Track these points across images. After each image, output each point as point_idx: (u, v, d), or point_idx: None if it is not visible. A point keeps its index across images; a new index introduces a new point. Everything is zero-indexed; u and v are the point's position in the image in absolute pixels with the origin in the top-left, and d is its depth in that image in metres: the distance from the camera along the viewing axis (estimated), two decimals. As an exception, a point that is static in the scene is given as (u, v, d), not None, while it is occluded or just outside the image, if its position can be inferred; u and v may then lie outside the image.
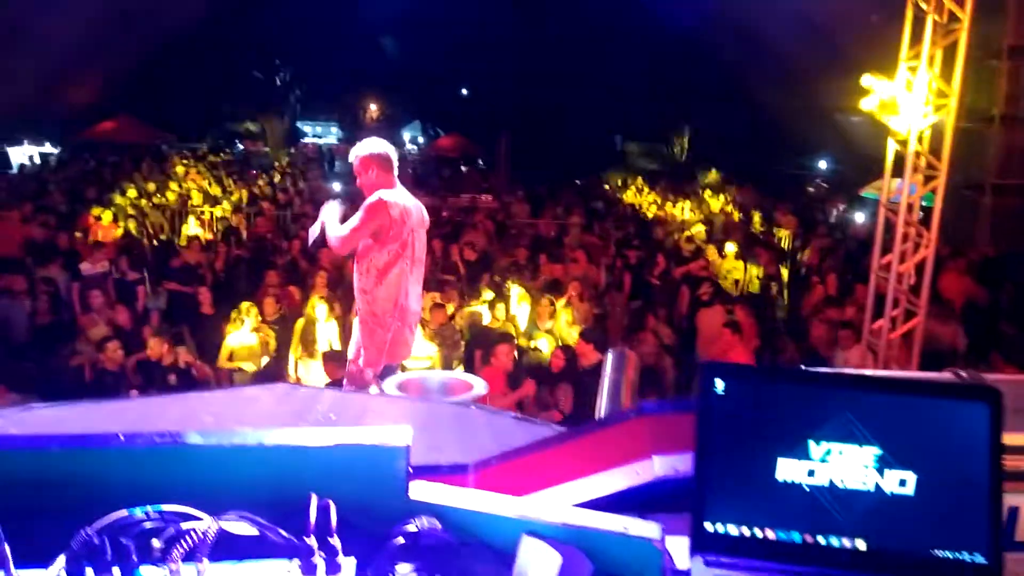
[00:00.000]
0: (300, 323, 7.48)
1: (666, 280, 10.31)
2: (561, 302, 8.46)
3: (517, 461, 1.60)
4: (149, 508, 1.07)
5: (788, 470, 1.21)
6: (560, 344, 7.86)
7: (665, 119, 27.30)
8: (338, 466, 1.18)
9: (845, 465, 1.20)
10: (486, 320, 8.55)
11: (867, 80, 6.61)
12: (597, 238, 12.84)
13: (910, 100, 6.51)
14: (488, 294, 9.38)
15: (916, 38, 6.53)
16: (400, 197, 4.05)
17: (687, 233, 13.03)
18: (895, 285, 6.91)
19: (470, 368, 7.93)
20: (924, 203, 7.25)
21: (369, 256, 3.92)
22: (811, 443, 1.20)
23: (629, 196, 19.55)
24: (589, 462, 1.53)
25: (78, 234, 10.48)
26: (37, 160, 18.89)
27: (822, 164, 22.72)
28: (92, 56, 19.67)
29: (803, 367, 3.52)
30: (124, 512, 1.05)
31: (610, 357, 2.70)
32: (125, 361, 6.64)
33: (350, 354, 4.12)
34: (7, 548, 1.03)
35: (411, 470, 1.22)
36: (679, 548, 1.27)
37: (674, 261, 10.85)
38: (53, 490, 1.10)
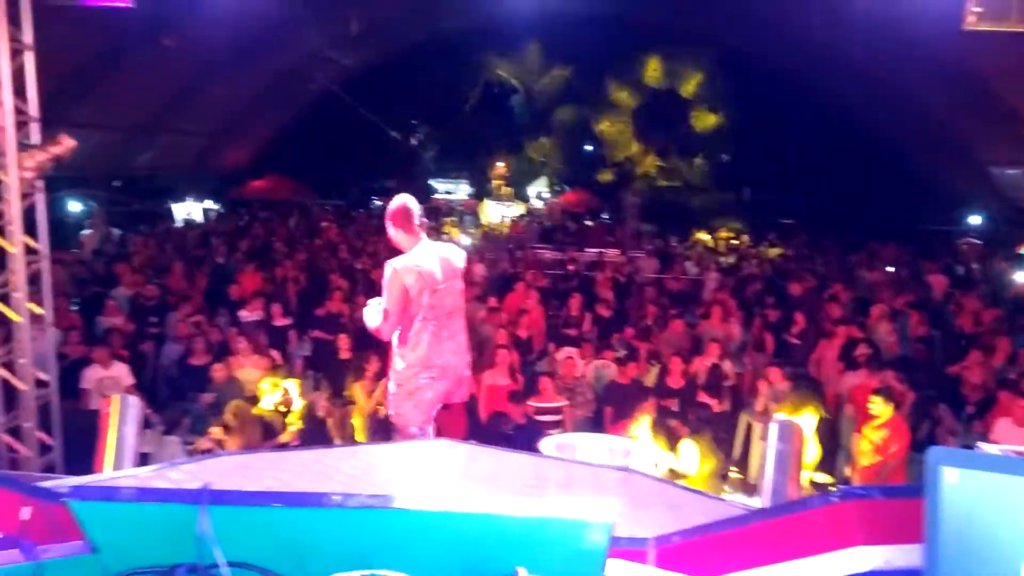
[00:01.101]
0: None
1: (805, 339, 9.84)
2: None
3: (703, 539, 1.53)
4: (365, 573, 1.09)
5: (1036, 574, 1.09)
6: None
7: (798, 173, 26.43)
8: (541, 537, 1.16)
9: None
10: (615, 376, 8.44)
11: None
12: (730, 294, 12.47)
13: None
14: (620, 351, 9.27)
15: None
16: (417, 257, 4.00)
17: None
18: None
19: (599, 425, 7.82)
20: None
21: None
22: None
23: (763, 251, 18.95)
24: (784, 547, 1.43)
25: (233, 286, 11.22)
26: (198, 216, 20.61)
27: (974, 220, 21.21)
28: (247, 121, 21.47)
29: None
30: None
31: (775, 428, 2.58)
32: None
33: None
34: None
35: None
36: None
37: (813, 320, 10.34)
38: (277, 545, 1.15)
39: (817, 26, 16.83)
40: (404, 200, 4.18)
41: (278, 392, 7.19)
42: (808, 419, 6.32)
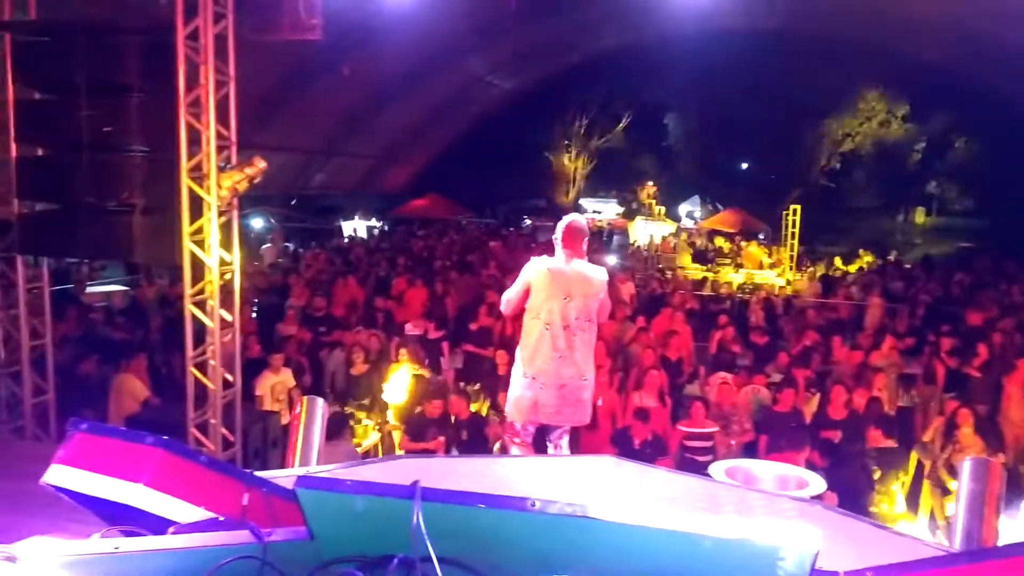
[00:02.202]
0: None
1: (988, 372, 8.98)
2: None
3: (900, 577, 1.45)
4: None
5: None
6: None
7: (979, 192, 24.35)
8: (737, 560, 1.15)
9: None
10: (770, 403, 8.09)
11: None
12: (896, 322, 11.64)
13: None
14: (776, 376, 8.90)
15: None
16: (552, 262, 4.32)
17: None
18: None
19: (752, 455, 7.51)
20: None
21: (522, 315, 4.34)
22: None
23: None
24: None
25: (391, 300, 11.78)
26: (363, 233, 21.93)
27: None
28: (410, 143, 22.63)
29: None
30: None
31: (969, 465, 2.39)
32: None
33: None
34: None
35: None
36: None
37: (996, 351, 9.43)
38: (481, 544, 1.21)
39: (1003, 29, 15.45)
40: (562, 221, 4.53)
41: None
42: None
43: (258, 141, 13.95)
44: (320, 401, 3.00)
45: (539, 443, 4.41)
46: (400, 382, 8.21)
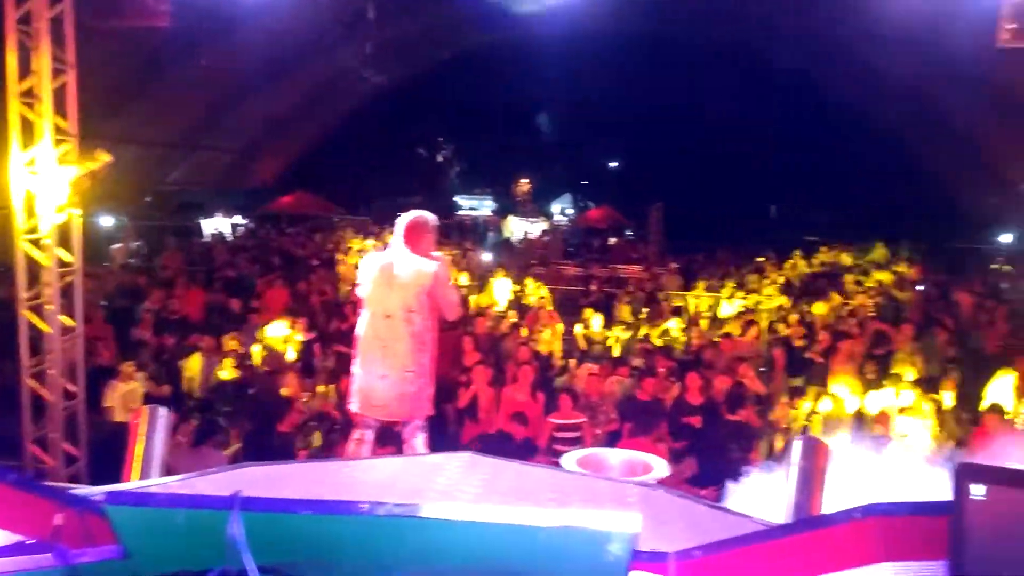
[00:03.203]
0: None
1: (828, 357, 9.74)
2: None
3: (724, 555, 1.53)
4: (390, 579, 1.10)
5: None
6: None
7: (827, 189, 26.30)
8: (564, 547, 1.17)
9: None
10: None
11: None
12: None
13: None
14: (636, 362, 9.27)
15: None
16: (381, 255, 4.61)
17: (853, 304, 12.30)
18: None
19: (616, 439, 7.78)
20: None
21: None
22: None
23: (787, 268, 18.77)
24: (808, 563, 1.43)
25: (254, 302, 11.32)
26: (226, 230, 20.94)
27: (1004, 238, 20.90)
28: (276, 137, 21.83)
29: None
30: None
31: (799, 444, 2.56)
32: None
33: None
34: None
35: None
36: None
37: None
38: (306, 552, 1.17)
39: (855, 43, 16.75)
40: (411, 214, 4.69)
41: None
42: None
43: (107, 134, 13.04)
44: (162, 410, 2.83)
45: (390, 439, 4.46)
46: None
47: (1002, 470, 1.11)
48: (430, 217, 4.67)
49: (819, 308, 12.41)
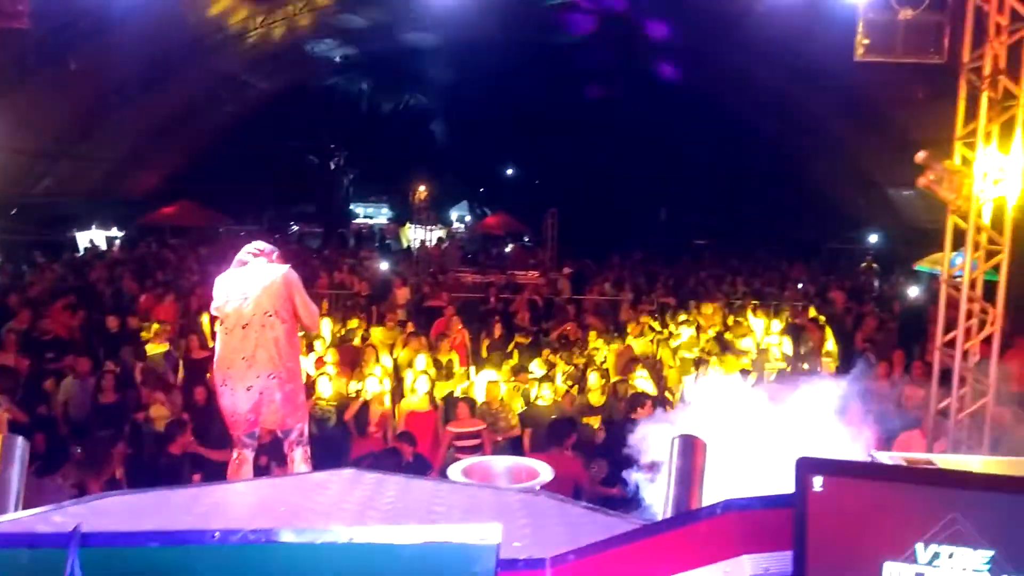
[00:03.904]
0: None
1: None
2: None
3: (596, 557, 1.56)
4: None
5: (895, 575, 1.16)
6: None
7: (711, 193, 27.46)
8: (427, 564, 1.16)
9: (956, 569, 1.14)
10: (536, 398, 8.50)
11: (920, 157, 6.57)
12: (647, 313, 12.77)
13: (967, 177, 6.44)
14: (538, 371, 9.35)
15: (970, 115, 6.50)
16: (231, 271, 4.58)
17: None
18: (960, 363, 6.68)
19: (521, 447, 7.84)
20: (987, 278, 7.06)
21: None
22: (919, 546, 1.15)
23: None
24: (674, 560, 1.48)
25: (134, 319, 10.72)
26: (102, 244, 19.73)
27: (872, 238, 22.44)
28: (157, 145, 20.76)
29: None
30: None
31: (677, 443, 2.64)
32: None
33: None
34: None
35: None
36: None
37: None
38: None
39: (728, 53, 17.54)
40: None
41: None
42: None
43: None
44: (19, 439, 2.65)
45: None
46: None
47: (839, 462, 1.18)
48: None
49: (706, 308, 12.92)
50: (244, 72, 20.44)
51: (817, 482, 1.19)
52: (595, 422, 8.17)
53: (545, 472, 2.61)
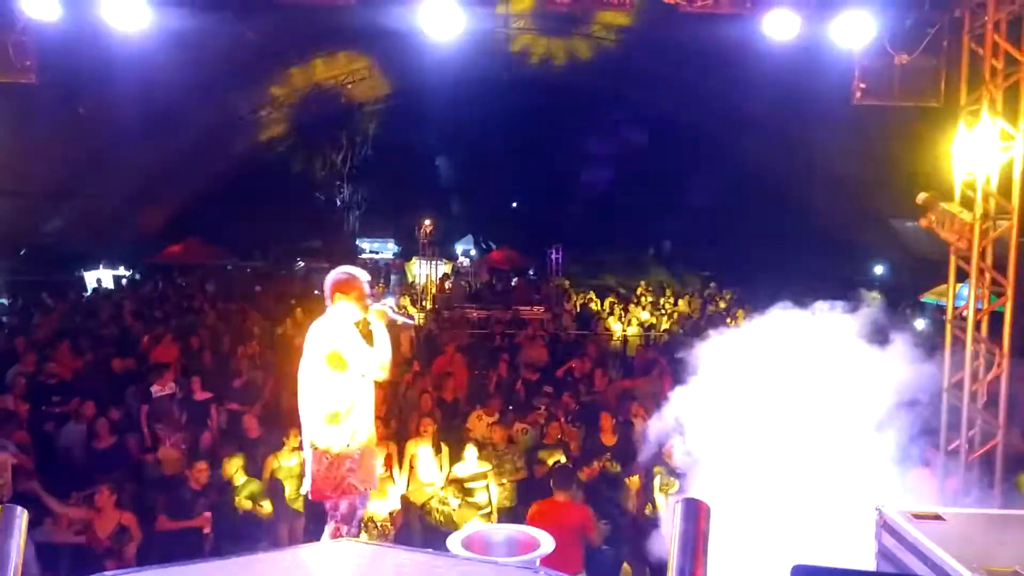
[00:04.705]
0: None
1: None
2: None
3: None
4: None
5: None
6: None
7: (715, 228, 27.56)
8: None
9: None
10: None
11: (921, 198, 6.59)
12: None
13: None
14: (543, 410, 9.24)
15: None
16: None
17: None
18: (969, 404, 6.63)
19: (525, 486, 7.72)
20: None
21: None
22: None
23: (682, 305, 19.43)
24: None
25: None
26: (109, 283, 19.84)
27: (878, 270, 22.42)
28: (163, 185, 20.99)
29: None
30: None
31: (680, 506, 2.60)
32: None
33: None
34: None
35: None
36: None
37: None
38: None
39: (728, 91, 17.70)
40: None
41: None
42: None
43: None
44: (18, 510, 2.63)
45: None
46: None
47: (830, 570, 1.17)
48: (338, 272, 4.50)
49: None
50: (251, 112, 20.72)
51: (811, 589, 1.18)
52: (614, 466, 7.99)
53: (546, 543, 2.57)
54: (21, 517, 2.55)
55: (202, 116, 18.61)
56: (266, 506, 7.08)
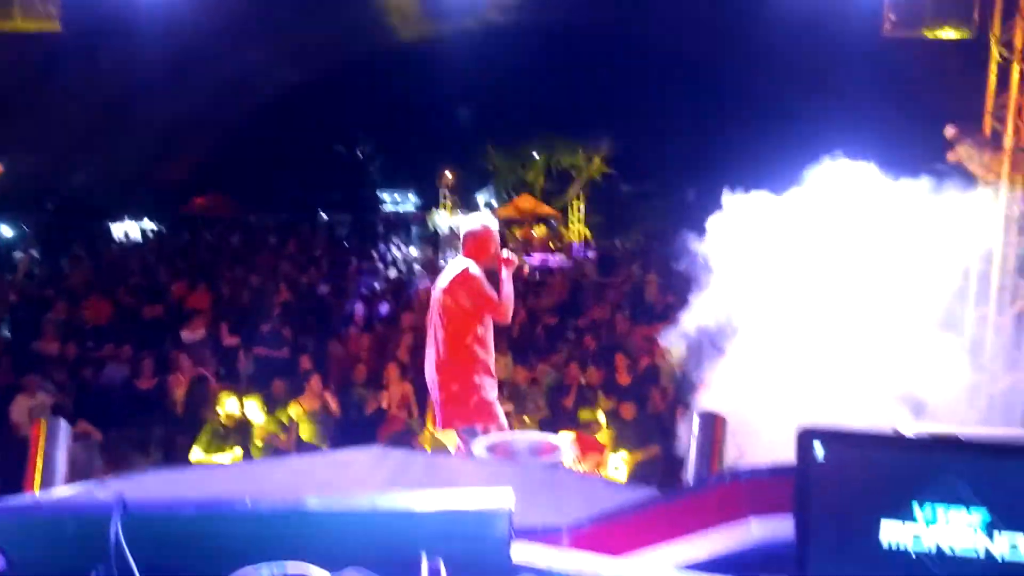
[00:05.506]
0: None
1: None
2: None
3: (611, 523, 1.62)
4: (273, 565, 1.14)
5: (892, 534, 1.20)
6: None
7: (738, 175, 27.14)
8: (445, 528, 1.23)
9: (952, 529, 1.19)
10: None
11: (949, 132, 6.48)
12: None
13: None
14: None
15: (1001, 87, 6.40)
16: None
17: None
18: (993, 338, 6.62)
19: (546, 426, 7.89)
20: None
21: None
22: (915, 506, 1.19)
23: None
24: (685, 525, 1.53)
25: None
26: (136, 235, 20.16)
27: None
28: (186, 135, 21.11)
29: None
30: (251, 569, 1.13)
31: (697, 419, 2.69)
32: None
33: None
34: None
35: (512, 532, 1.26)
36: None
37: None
38: (189, 550, 1.20)
39: (750, 26, 17.30)
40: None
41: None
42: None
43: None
44: (61, 421, 2.78)
45: None
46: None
47: (838, 432, 1.23)
48: (475, 223, 4.78)
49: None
50: (272, 65, 20.63)
51: (818, 449, 1.24)
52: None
53: (566, 446, 2.68)
54: (65, 429, 2.69)
55: (223, 67, 18.59)
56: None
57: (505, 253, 4.70)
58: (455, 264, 4.64)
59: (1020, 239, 6.64)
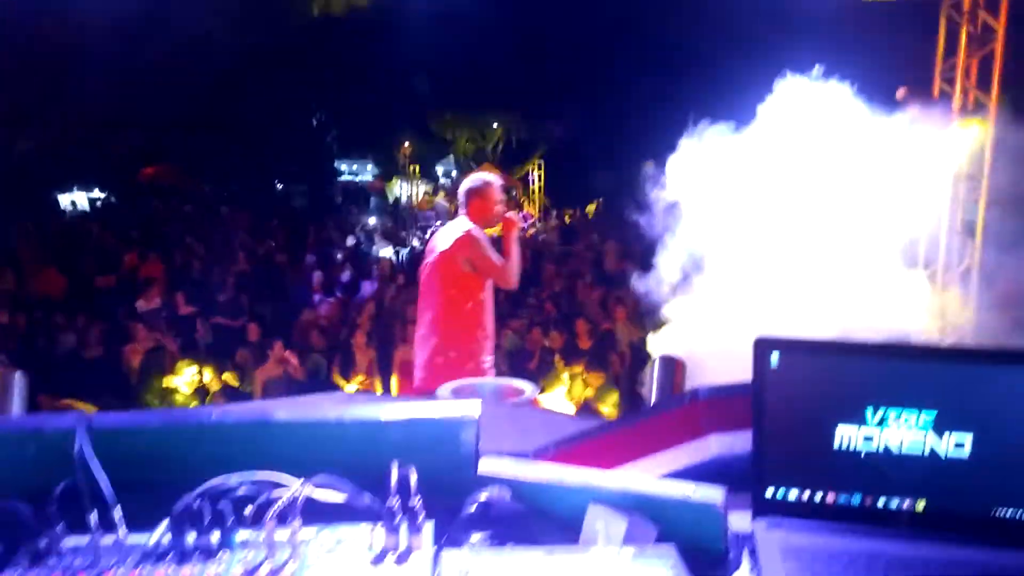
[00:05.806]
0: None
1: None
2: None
3: (575, 446, 1.66)
4: (243, 475, 1.14)
5: (845, 438, 1.25)
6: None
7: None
8: (414, 436, 1.25)
9: (901, 431, 1.24)
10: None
11: (900, 94, 6.61)
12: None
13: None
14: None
15: (950, 50, 6.54)
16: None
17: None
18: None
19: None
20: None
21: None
22: (868, 410, 1.24)
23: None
24: (647, 445, 1.58)
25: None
26: (83, 205, 19.59)
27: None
28: (132, 105, 20.42)
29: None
30: (220, 479, 1.13)
31: (658, 362, 2.75)
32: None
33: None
34: (119, 513, 1.12)
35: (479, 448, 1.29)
36: (740, 522, 1.31)
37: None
38: (157, 462, 1.20)
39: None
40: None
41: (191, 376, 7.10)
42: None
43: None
44: (17, 373, 2.72)
45: None
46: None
47: (794, 341, 1.27)
48: (472, 179, 4.54)
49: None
50: (218, 30, 20.05)
51: (774, 359, 1.28)
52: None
53: (531, 389, 2.71)
54: (20, 379, 2.63)
55: (174, 33, 18.01)
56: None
57: (508, 213, 4.42)
58: (456, 225, 4.34)
59: (968, 199, 6.85)
